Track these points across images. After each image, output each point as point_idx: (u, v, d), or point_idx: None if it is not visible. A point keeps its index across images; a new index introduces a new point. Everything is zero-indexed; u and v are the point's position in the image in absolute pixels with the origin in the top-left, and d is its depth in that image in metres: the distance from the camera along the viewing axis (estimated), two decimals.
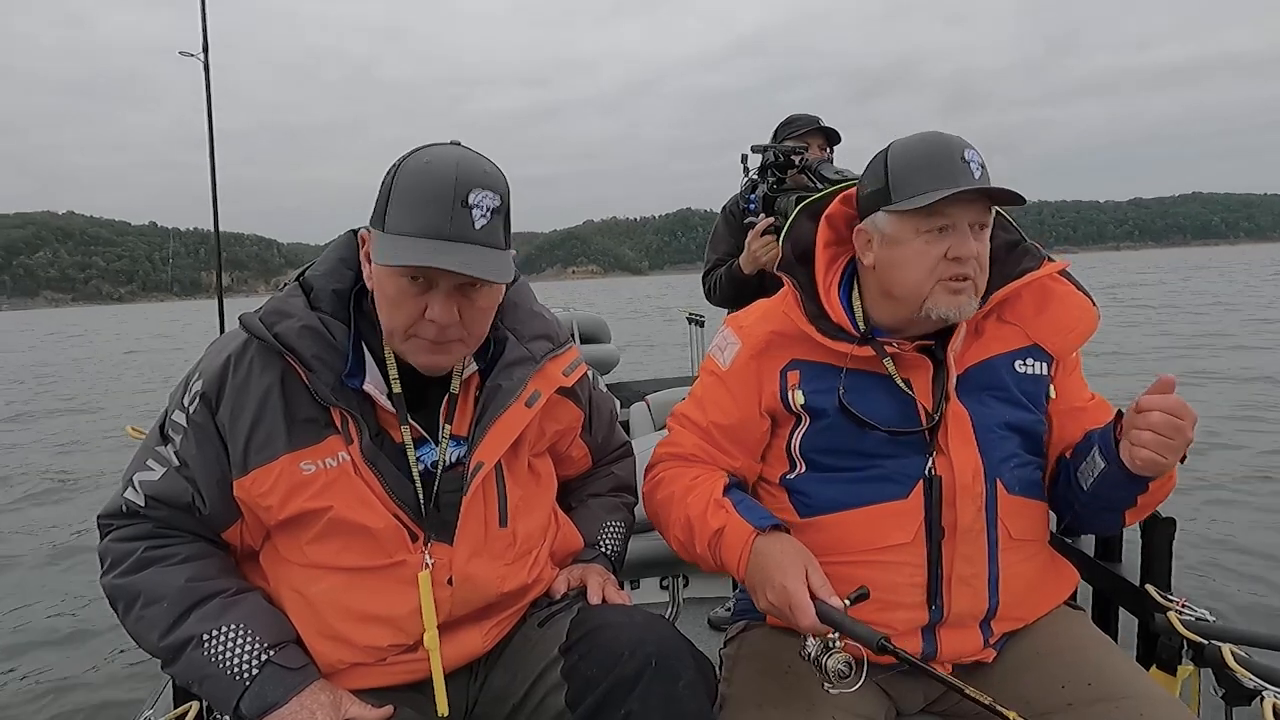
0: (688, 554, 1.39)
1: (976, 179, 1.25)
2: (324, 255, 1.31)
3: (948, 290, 1.27)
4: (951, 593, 1.30)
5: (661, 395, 3.42)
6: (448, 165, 1.14)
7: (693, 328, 5.94)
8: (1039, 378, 1.37)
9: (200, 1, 4.06)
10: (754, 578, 1.23)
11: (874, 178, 1.33)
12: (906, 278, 1.29)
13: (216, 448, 1.21)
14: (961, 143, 1.28)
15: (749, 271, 2.54)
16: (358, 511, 1.20)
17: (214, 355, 1.25)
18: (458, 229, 1.12)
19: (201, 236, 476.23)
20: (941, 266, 1.26)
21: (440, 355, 1.21)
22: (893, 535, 1.31)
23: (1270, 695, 1.29)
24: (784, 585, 1.15)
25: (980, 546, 1.31)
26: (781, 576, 1.16)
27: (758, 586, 1.22)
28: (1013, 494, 1.33)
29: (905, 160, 1.30)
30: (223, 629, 1.18)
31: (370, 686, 1.25)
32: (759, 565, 1.22)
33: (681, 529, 1.37)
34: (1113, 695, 1.21)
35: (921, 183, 1.26)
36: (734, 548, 1.26)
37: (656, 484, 1.46)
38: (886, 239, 1.31)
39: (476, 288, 1.18)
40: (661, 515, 1.44)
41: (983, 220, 1.28)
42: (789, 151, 2.47)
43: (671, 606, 2.52)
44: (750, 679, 1.36)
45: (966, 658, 1.34)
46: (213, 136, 4.25)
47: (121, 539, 1.24)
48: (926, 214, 1.25)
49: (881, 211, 1.31)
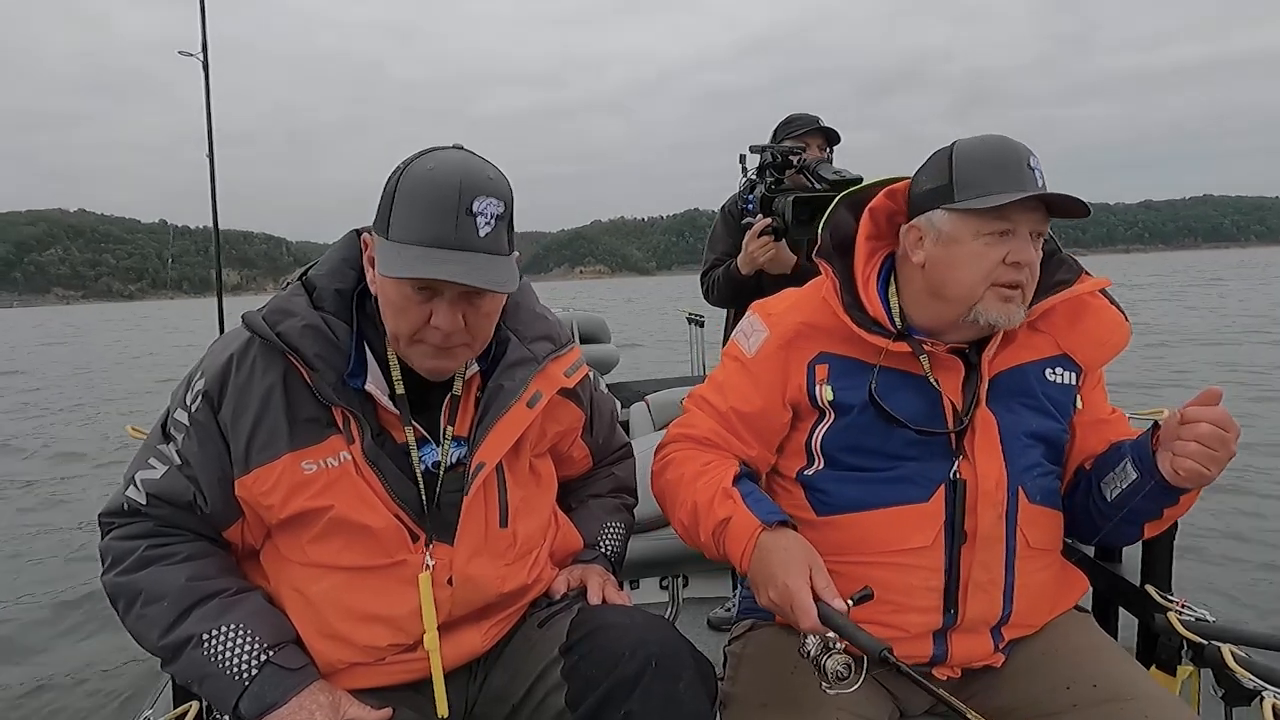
0: (691, 539, 1.37)
1: (1040, 187, 1.24)
2: (327, 255, 1.31)
3: (999, 297, 1.25)
4: (967, 599, 1.29)
5: (661, 395, 3.42)
6: (452, 173, 1.13)
7: (693, 328, 5.94)
8: (1067, 387, 1.37)
9: (200, 2, 4.07)
10: (757, 573, 1.21)
11: (935, 174, 1.30)
12: (960, 278, 1.26)
13: (218, 446, 1.21)
14: (1027, 150, 1.26)
15: (746, 272, 2.53)
16: (359, 511, 1.21)
17: (216, 354, 1.25)
18: (462, 237, 1.12)
19: (211, 234, 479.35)
20: (998, 271, 1.24)
21: (445, 360, 1.21)
22: (912, 538, 1.30)
23: (1270, 695, 1.29)
24: (786, 584, 1.14)
25: (998, 554, 1.30)
26: (785, 575, 1.15)
27: (760, 583, 1.20)
28: (1033, 503, 1.33)
29: (972, 160, 1.27)
30: (222, 628, 1.18)
31: (370, 686, 1.25)
32: (763, 561, 1.20)
33: (687, 514, 1.34)
34: (1117, 697, 1.21)
35: (989, 184, 1.23)
36: (739, 540, 1.24)
37: (666, 463, 1.42)
38: (943, 237, 1.28)
39: (481, 294, 1.17)
40: (668, 495, 1.41)
41: (1041, 229, 1.27)
42: (787, 152, 2.46)
43: (671, 606, 2.52)
44: (755, 679, 1.36)
45: (976, 662, 1.34)
46: (212, 137, 4.25)
47: (122, 537, 1.24)
48: (991, 216, 1.23)
49: (940, 209, 1.28)
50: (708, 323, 5.24)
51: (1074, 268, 1.38)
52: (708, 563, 2.22)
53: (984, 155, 1.27)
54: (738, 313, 2.75)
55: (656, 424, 3.23)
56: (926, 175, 1.33)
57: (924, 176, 1.34)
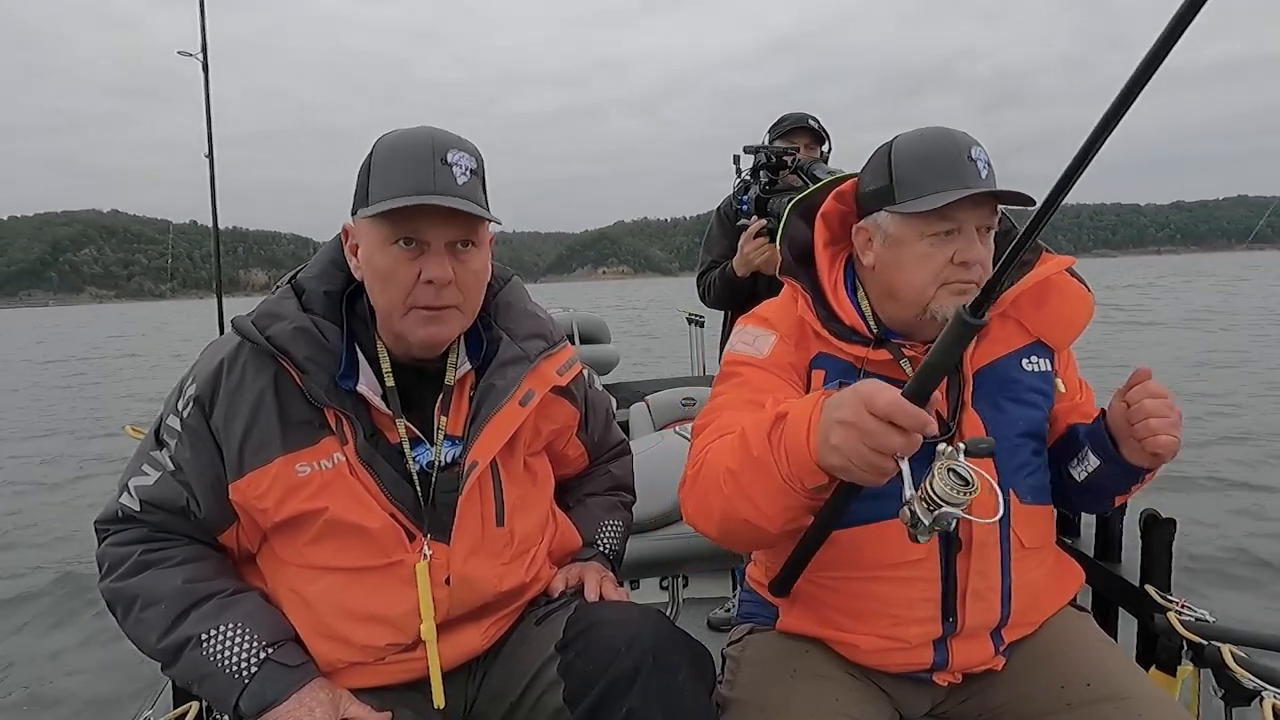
0: (736, 486, 1.11)
1: (983, 179, 1.21)
2: (315, 258, 1.32)
3: (952, 293, 1.23)
4: (966, 606, 1.27)
5: (661, 395, 3.43)
6: (421, 132, 1.20)
7: (693, 328, 5.94)
8: (1045, 374, 1.35)
9: (199, 2, 4.12)
10: (826, 417, 0.99)
11: (876, 175, 1.28)
12: (910, 280, 1.25)
13: (211, 451, 1.21)
14: (968, 140, 1.23)
15: (742, 274, 2.53)
16: (354, 512, 1.20)
17: (207, 359, 1.25)
18: (441, 183, 1.15)
19: (239, 235, 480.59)
20: (947, 271, 1.23)
21: (438, 326, 1.21)
22: (908, 551, 1.25)
23: (1270, 696, 1.29)
24: (857, 389, 0.95)
25: (994, 560, 1.28)
26: (877, 391, 0.94)
27: (830, 424, 0.97)
28: (1025, 504, 1.30)
29: (910, 158, 1.24)
30: (221, 628, 1.18)
31: (369, 686, 1.25)
32: (838, 405, 0.97)
33: (731, 455, 1.12)
34: (1113, 696, 1.20)
35: (928, 183, 1.21)
36: (801, 416, 1.03)
37: (703, 460, 1.21)
38: (889, 240, 1.26)
39: (468, 248, 1.20)
40: (706, 469, 1.19)
41: (989, 223, 1.25)
42: (780, 152, 2.46)
43: (671, 606, 2.52)
44: (754, 683, 1.34)
45: (977, 667, 1.32)
46: (211, 136, 4.28)
47: (118, 543, 1.24)
48: (934, 217, 1.21)
49: (884, 211, 1.26)
50: (707, 323, 5.23)
51: (1034, 246, 1.33)
52: (708, 563, 2.22)
53: (922, 152, 1.24)
54: (735, 314, 2.75)
55: (656, 424, 3.23)
56: (869, 175, 1.31)
57: (867, 177, 1.32)
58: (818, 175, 2.35)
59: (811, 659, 1.33)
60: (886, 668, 1.31)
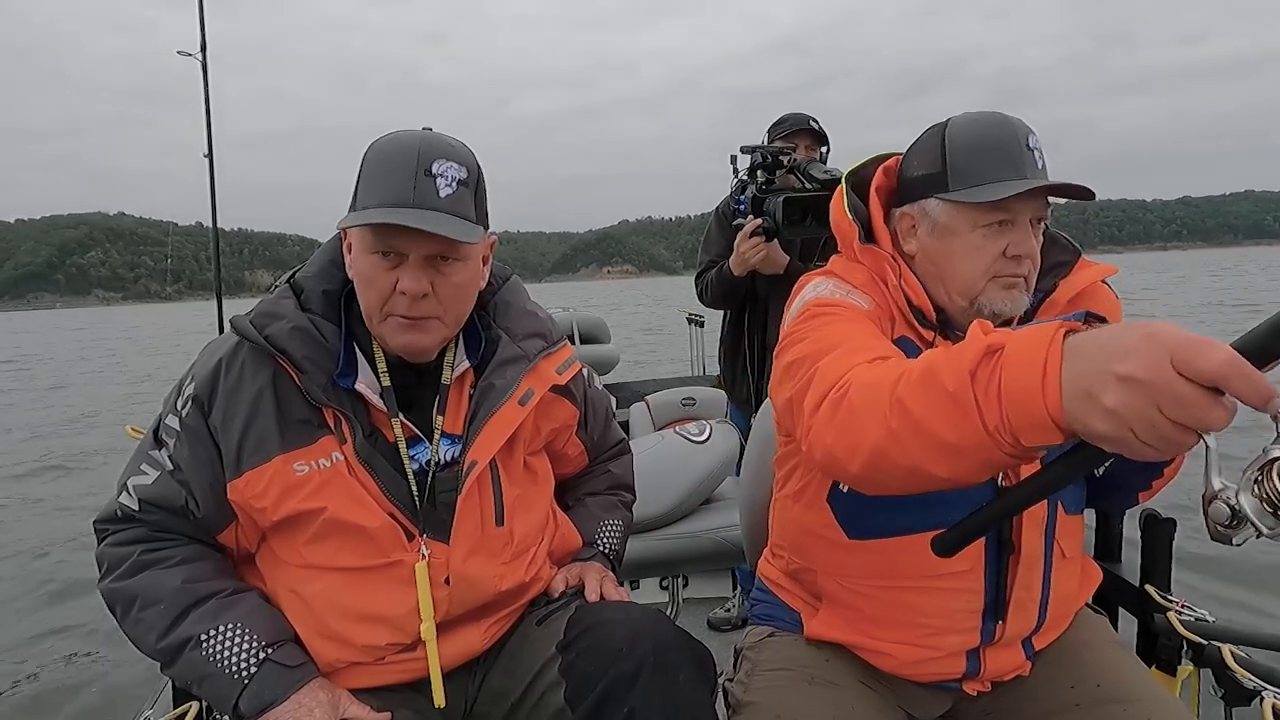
0: (910, 424, 0.88)
1: (1039, 169, 1.17)
2: (314, 257, 1.33)
3: (1002, 285, 1.19)
4: (1008, 617, 1.23)
5: (661, 395, 3.43)
6: (411, 139, 1.18)
7: (693, 328, 5.94)
8: None
9: (199, 3, 4.13)
10: (1089, 366, 0.73)
11: (928, 160, 1.22)
12: (960, 272, 1.20)
13: (209, 451, 1.21)
14: (1025, 128, 1.17)
15: (739, 273, 2.51)
16: (353, 511, 1.20)
17: (206, 359, 1.25)
18: (421, 197, 1.14)
19: (245, 236, 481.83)
20: (999, 264, 1.18)
21: (416, 334, 1.21)
22: (953, 562, 1.16)
23: (1270, 695, 1.28)
24: (1155, 334, 0.69)
25: (1039, 570, 1.23)
26: (1153, 335, 0.69)
27: (1105, 378, 0.71)
28: (1068, 514, 1.26)
29: (966, 145, 1.18)
30: (220, 628, 1.17)
31: (369, 686, 1.25)
32: (1090, 352, 0.73)
33: (907, 385, 0.90)
34: (1121, 698, 1.18)
35: (985, 172, 1.16)
36: (1029, 354, 0.78)
37: (847, 387, 1.00)
38: (938, 228, 1.21)
39: (448, 261, 1.19)
40: (859, 402, 0.97)
41: (1042, 214, 1.19)
42: (777, 152, 2.45)
43: (671, 606, 2.52)
44: (771, 688, 1.31)
45: (1007, 675, 1.28)
46: (211, 137, 4.32)
47: (117, 543, 1.24)
48: (988, 208, 1.16)
49: (934, 198, 1.21)
50: (707, 323, 5.22)
51: (1068, 247, 1.32)
52: (708, 562, 2.23)
53: (979, 139, 1.18)
54: (734, 314, 2.77)
55: (656, 424, 3.23)
56: (918, 159, 1.25)
57: (915, 160, 1.26)
58: (814, 175, 2.35)
59: (831, 667, 1.30)
60: (917, 678, 1.28)
